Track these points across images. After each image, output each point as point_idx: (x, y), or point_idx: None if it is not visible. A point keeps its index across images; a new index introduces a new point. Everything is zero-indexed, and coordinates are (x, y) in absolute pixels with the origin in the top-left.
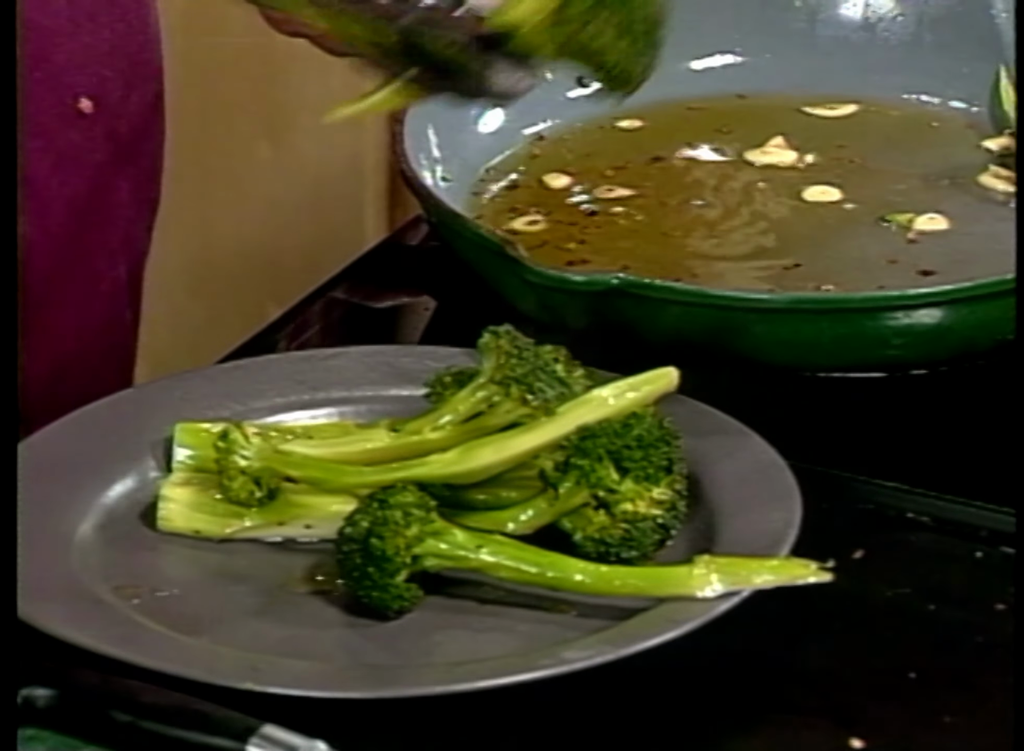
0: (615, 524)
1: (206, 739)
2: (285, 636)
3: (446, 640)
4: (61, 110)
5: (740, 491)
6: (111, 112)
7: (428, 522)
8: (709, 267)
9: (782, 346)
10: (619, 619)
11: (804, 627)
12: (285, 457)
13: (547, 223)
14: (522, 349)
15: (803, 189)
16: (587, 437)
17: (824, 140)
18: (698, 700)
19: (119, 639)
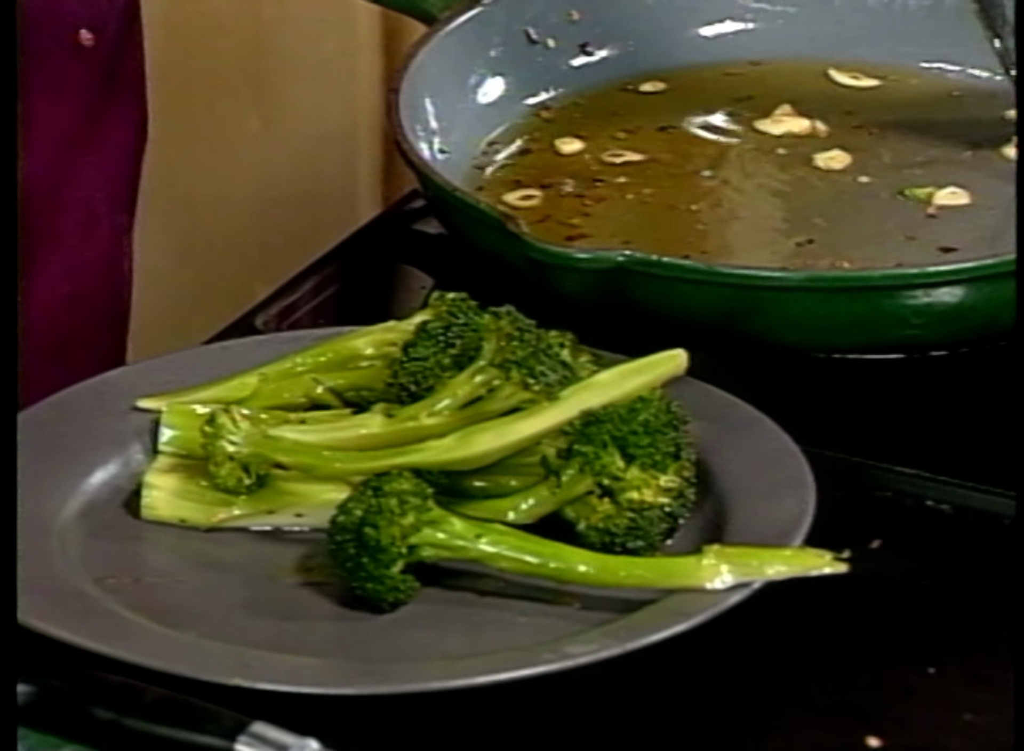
0: (620, 513)
1: (193, 737)
2: (275, 630)
3: (444, 634)
4: (61, 42)
5: (751, 478)
6: (111, 46)
7: (425, 510)
8: (718, 242)
9: (796, 326)
10: (624, 612)
11: (818, 620)
12: (275, 442)
13: (550, 197)
14: (524, 331)
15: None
16: (591, 422)
17: (840, 110)
18: (707, 697)
19: (101, 633)
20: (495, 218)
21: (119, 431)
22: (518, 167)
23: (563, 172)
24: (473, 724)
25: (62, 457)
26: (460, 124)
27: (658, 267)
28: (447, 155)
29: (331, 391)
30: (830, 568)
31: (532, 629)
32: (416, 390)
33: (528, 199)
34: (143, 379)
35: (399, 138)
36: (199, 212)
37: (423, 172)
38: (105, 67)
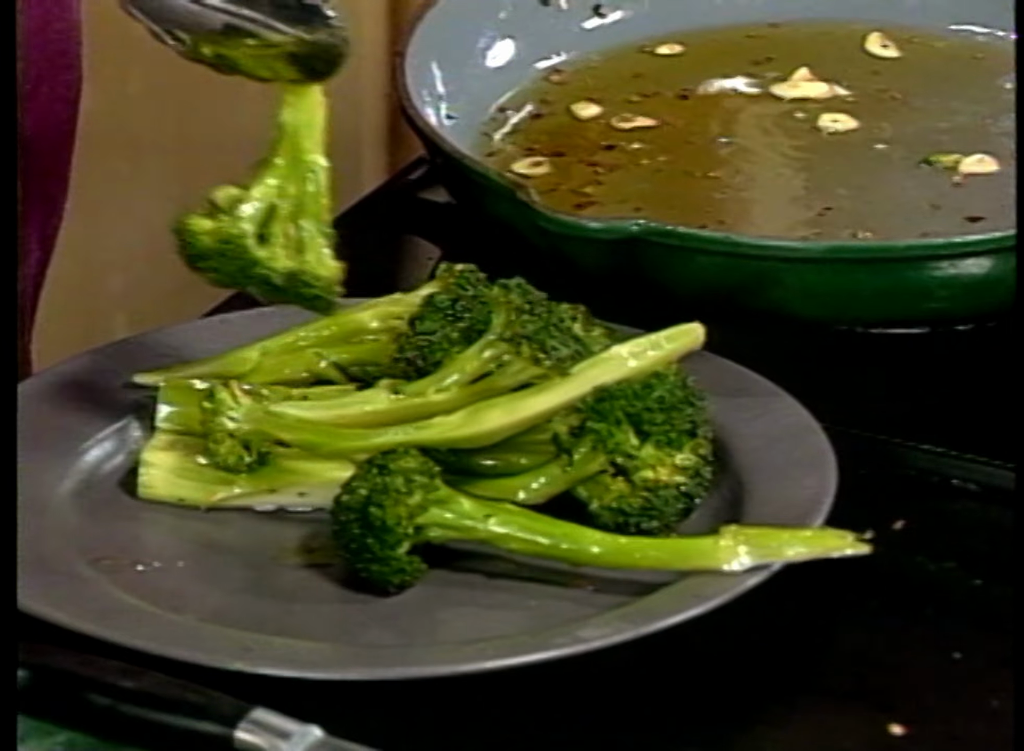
0: (635, 492)
1: (191, 724)
2: (277, 613)
3: (451, 617)
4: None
5: (770, 456)
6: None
7: (432, 490)
8: (736, 211)
9: (816, 299)
10: (639, 595)
11: (839, 603)
12: (277, 419)
13: (561, 164)
14: (534, 304)
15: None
16: (604, 399)
17: (862, 74)
18: (723, 683)
19: (97, 615)
20: (505, 187)
21: (115, 407)
22: (528, 133)
23: (575, 138)
24: (482, 711)
25: (56, 434)
26: (468, 89)
27: (674, 237)
28: (454, 121)
29: (335, 366)
30: (852, 550)
31: (543, 613)
32: (423, 365)
33: (538, 166)
34: (140, 353)
35: (405, 104)
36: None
37: (430, 139)
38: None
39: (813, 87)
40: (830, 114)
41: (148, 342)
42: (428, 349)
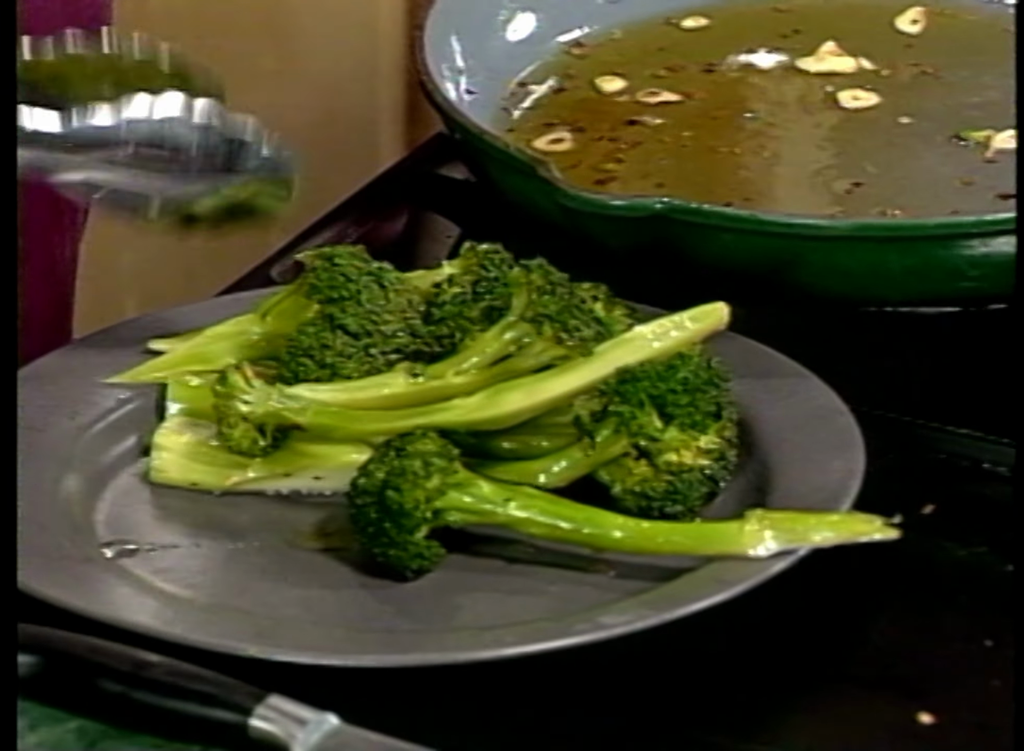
0: (658, 476)
1: (205, 711)
2: (292, 598)
3: (470, 603)
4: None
5: (797, 439)
6: None
7: (451, 473)
8: (762, 188)
9: (845, 278)
10: (662, 580)
11: (867, 589)
12: (291, 402)
13: (582, 140)
14: (556, 285)
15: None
16: (627, 380)
17: (891, 47)
18: (748, 671)
19: (108, 600)
20: (526, 163)
21: (126, 389)
22: (549, 108)
23: (597, 114)
24: (501, 698)
25: (66, 414)
26: (488, 63)
27: (699, 215)
28: (474, 96)
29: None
30: (880, 534)
31: (564, 598)
32: (442, 347)
33: (558, 143)
34: (153, 332)
35: (424, 78)
36: None
37: (449, 114)
38: None
39: (840, 61)
40: (851, 91)
41: (161, 320)
42: (447, 330)
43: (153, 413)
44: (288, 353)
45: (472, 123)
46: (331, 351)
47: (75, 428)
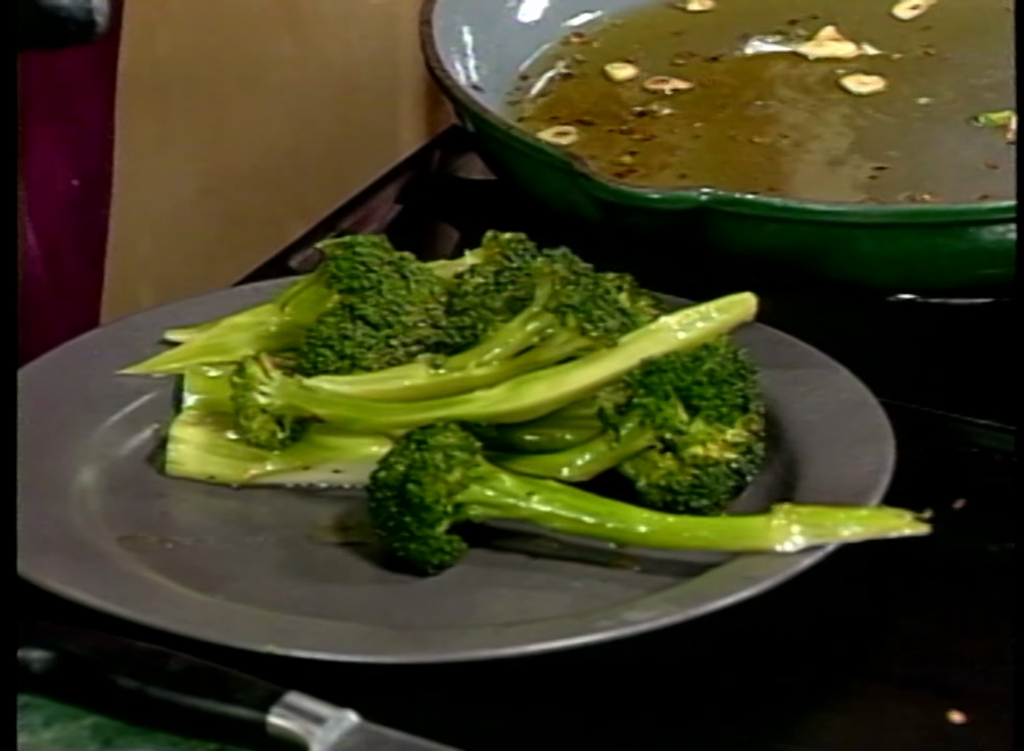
0: (683, 469)
1: (222, 708)
2: (311, 593)
3: (492, 599)
4: None
5: (825, 432)
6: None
7: (472, 466)
8: (785, 176)
9: (890, 265)
10: (687, 576)
11: (897, 586)
12: (311, 393)
13: (592, 133)
14: (580, 274)
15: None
16: (652, 372)
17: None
18: (775, 669)
19: (124, 596)
20: (560, 158)
21: (141, 380)
22: (558, 97)
23: (606, 104)
24: (524, 696)
25: (81, 406)
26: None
27: (745, 206)
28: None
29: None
30: (910, 529)
31: (587, 594)
32: (464, 338)
33: (564, 136)
34: (169, 322)
35: (439, 74)
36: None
37: (471, 110)
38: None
39: (840, 47)
40: (858, 76)
41: (177, 311)
42: (469, 321)
43: (170, 405)
44: (307, 344)
45: (498, 118)
46: (351, 342)
47: (91, 420)
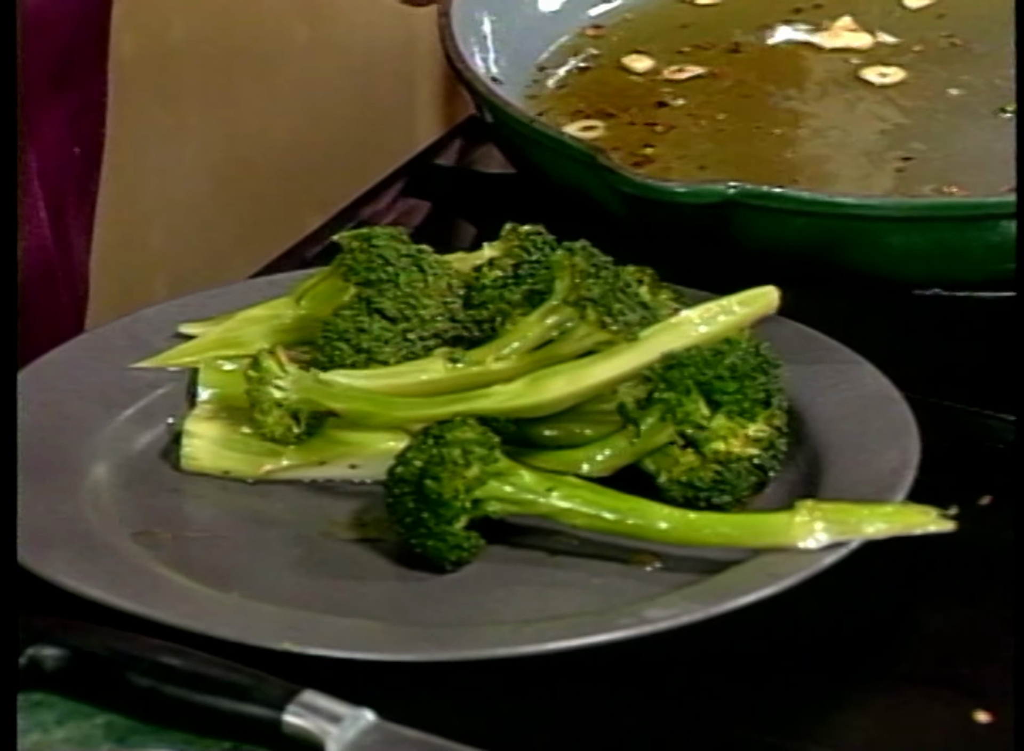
0: (705, 465)
1: (237, 706)
2: (327, 590)
3: (511, 596)
4: None
5: (849, 427)
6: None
7: (491, 461)
8: (809, 169)
9: (919, 259)
10: (708, 573)
11: (922, 583)
12: (327, 388)
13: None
14: (600, 267)
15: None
16: (673, 366)
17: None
18: (798, 667)
19: (138, 592)
20: (584, 151)
21: (156, 373)
22: (576, 91)
23: (625, 96)
24: (542, 694)
25: (94, 400)
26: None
27: (773, 199)
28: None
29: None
30: (935, 526)
31: (607, 591)
32: (482, 331)
33: (591, 130)
34: (183, 316)
35: (459, 67)
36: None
37: (491, 103)
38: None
39: (856, 37)
40: (878, 67)
41: (190, 304)
42: (487, 315)
43: (184, 399)
44: (323, 337)
45: (520, 111)
46: (368, 335)
47: (104, 414)
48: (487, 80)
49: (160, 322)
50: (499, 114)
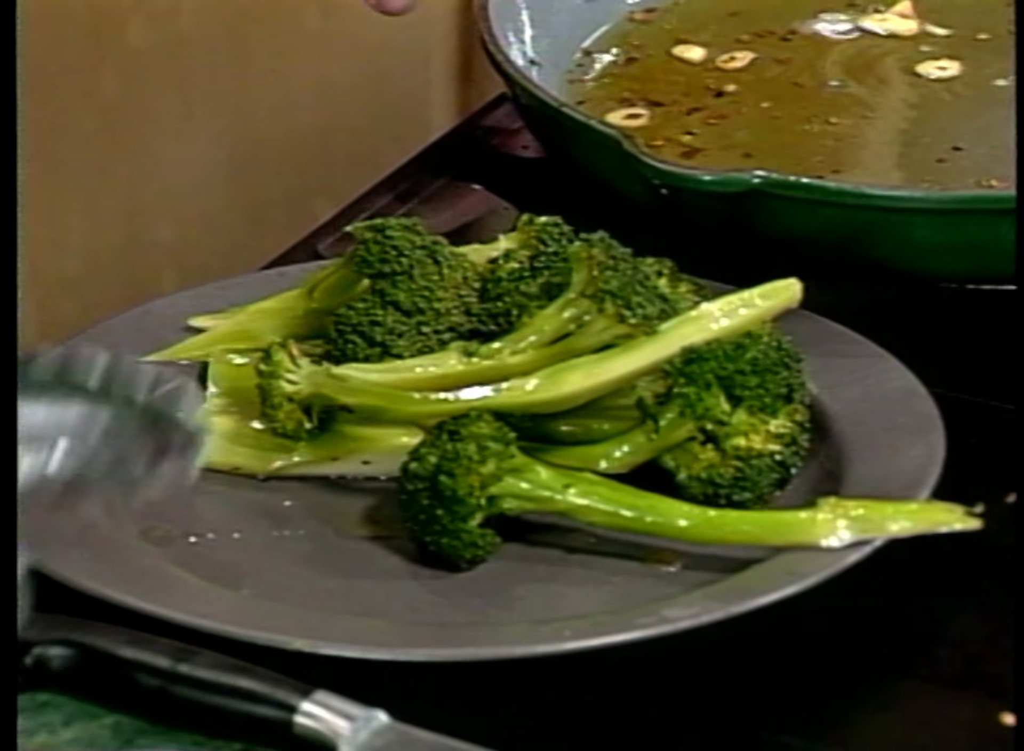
0: (725, 461)
1: (248, 707)
2: (339, 589)
3: (527, 594)
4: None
5: (873, 423)
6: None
7: (507, 457)
8: (850, 159)
9: (950, 253)
10: (729, 572)
11: (947, 583)
12: (339, 382)
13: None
14: (618, 259)
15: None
16: (693, 360)
17: (973, 9)
18: (820, 668)
19: (146, 590)
20: (611, 137)
21: (165, 367)
22: (621, 79)
23: (671, 84)
24: (559, 695)
25: None
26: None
27: (799, 189)
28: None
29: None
30: (961, 524)
31: (625, 590)
32: (498, 325)
33: (635, 118)
34: (192, 308)
35: (491, 48)
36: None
37: (522, 86)
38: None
39: (911, 26)
40: (932, 58)
41: (200, 296)
42: (503, 308)
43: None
44: (336, 331)
45: (549, 96)
46: (381, 329)
47: None
48: (521, 61)
49: (169, 315)
50: (528, 97)
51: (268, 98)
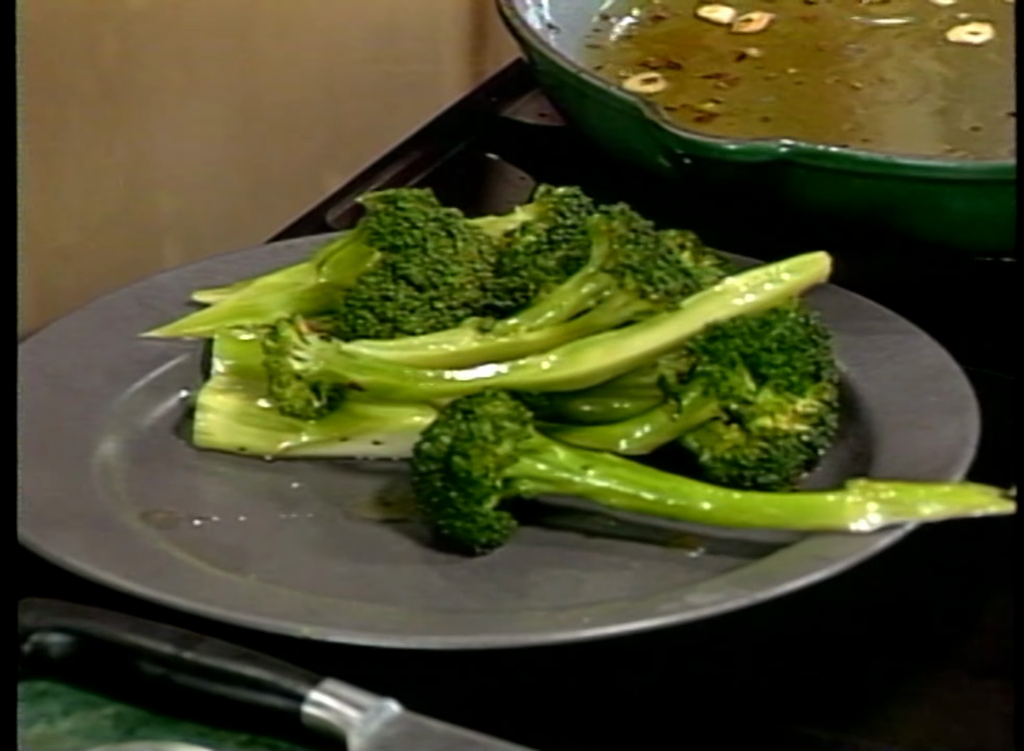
0: (751, 442)
1: (254, 696)
2: (349, 574)
3: (544, 580)
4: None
5: (904, 402)
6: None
7: (523, 438)
8: (878, 128)
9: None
10: (754, 557)
11: (980, 568)
12: (349, 359)
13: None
14: (639, 232)
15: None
16: (717, 337)
17: None
18: (848, 656)
19: (149, 575)
20: (631, 104)
21: (169, 343)
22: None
23: (692, 48)
24: (577, 684)
25: (103, 372)
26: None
27: (828, 159)
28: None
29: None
30: (995, 507)
31: (647, 576)
32: (514, 300)
33: (652, 82)
34: (197, 282)
35: (507, 12)
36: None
37: (539, 51)
38: None
39: None
40: (966, 23)
41: (205, 270)
42: (520, 282)
43: (198, 371)
44: (346, 306)
45: (568, 61)
46: (393, 304)
47: (113, 387)
48: (537, 27)
49: (173, 289)
50: (546, 63)
51: (274, 62)
